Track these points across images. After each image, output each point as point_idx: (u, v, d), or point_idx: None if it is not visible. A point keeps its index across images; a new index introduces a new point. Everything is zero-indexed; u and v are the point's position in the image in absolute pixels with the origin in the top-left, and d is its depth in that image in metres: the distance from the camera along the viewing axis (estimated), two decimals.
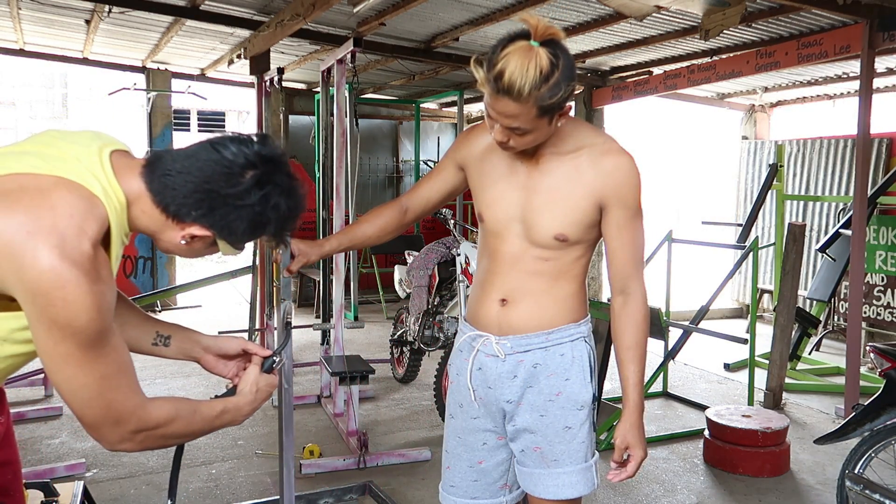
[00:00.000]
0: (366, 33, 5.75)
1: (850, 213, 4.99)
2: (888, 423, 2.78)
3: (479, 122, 1.87)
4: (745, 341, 4.31)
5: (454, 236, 4.80)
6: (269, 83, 5.77)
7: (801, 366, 5.85)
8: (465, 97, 8.34)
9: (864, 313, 6.11)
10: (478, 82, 1.57)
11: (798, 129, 8.48)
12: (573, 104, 1.58)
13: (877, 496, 2.49)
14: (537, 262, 1.76)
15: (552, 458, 1.78)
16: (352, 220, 5.69)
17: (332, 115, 4.49)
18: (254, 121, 6.65)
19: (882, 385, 2.84)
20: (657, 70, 6.84)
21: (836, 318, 6.71)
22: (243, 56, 6.56)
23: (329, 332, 4.54)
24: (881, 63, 5.97)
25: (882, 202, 5.93)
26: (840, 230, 5.71)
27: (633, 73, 7.14)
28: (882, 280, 6.20)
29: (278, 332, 1.84)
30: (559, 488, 1.78)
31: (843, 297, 6.43)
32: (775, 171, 6.46)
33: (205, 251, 1.40)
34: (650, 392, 4.99)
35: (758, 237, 5.63)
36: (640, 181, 1.73)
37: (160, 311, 8.03)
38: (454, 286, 4.76)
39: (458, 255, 4.53)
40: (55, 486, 2.53)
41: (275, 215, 1.33)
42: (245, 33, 6.29)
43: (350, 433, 3.95)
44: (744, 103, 8.47)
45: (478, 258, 1.90)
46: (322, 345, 4.85)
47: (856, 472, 2.78)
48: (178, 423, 1.34)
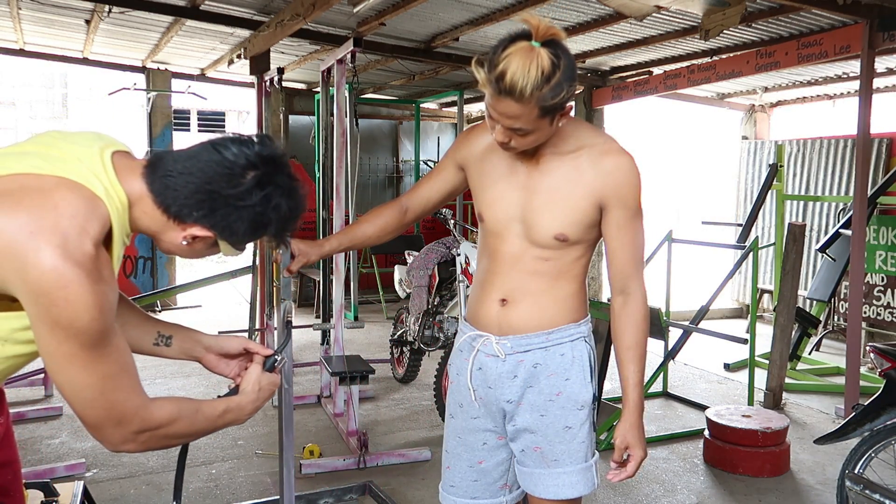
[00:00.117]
0: (366, 33, 5.75)
1: (850, 213, 4.99)
2: (888, 423, 2.78)
3: (480, 122, 1.87)
4: (745, 341, 4.31)
5: (454, 236, 4.80)
6: (269, 83, 5.77)
7: (801, 366, 5.85)
8: (465, 97, 8.34)
9: (864, 313, 6.11)
10: (479, 83, 1.57)
11: (798, 129, 8.48)
12: (574, 104, 1.58)
13: (877, 496, 2.49)
14: (537, 262, 1.76)
15: (552, 457, 1.78)
16: (352, 220, 5.69)
17: (332, 115, 4.49)
18: (254, 121, 6.65)
19: (882, 385, 2.85)
20: (657, 70, 6.84)
21: (836, 318, 6.71)
22: (243, 56, 6.56)
23: (329, 332, 4.54)
24: (881, 63, 5.98)
25: (882, 202, 5.93)
26: (840, 230, 5.71)
27: (633, 73, 7.14)
28: (882, 280, 6.20)
29: (279, 332, 1.84)
30: (559, 488, 1.78)
31: (843, 297, 6.43)
32: (775, 171, 6.46)
33: (206, 252, 1.40)
34: (650, 392, 4.99)
35: (758, 237, 5.64)
36: (640, 181, 1.73)
37: (160, 311, 8.03)
38: (454, 286, 4.76)
39: (458, 255, 4.53)
40: (55, 486, 2.53)
41: (276, 216, 1.34)
42: (245, 33, 6.29)
43: (350, 433, 3.95)
44: (744, 103, 8.48)
45: (478, 258, 1.90)
46: (322, 345, 4.85)
47: (856, 472, 2.78)
48: (181, 423, 1.33)
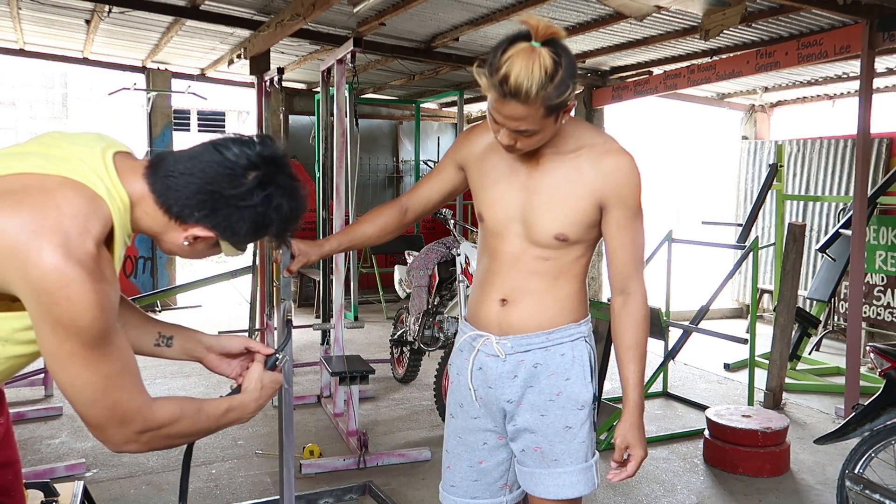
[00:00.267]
0: (366, 33, 5.75)
1: (850, 213, 4.99)
2: (888, 423, 2.78)
3: (480, 122, 1.87)
4: (745, 341, 4.31)
5: (454, 236, 4.80)
6: (269, 83, 5.77)
7: (801, 366, 5.85)
8: (465, 97, 8.34)
9: (864, 313, 6.11)
10: (482, 88, 1.56)
11: (798, 129, 8.49)
12: (576, 101, 1.59)
13: (877, 496, 2.49)
14: (537, 262, 1.76)
15: (552, 457, 1.78)
16: (352, 220, 5.69)
17: (332, 115, 4.49)
18: (254, 121, 6.66)
19: (882, 385, 2.85)
20: (657, 70, 6.84)
21: (836, 318, 6.71)
22: (243, 56, 6.56)
23: (329, 332, 4.54)
24: (881, 63, 5.98)
25: (882, 202, 5.93)
26: (840, 230, 5.71)
27: (633, 73, 7.14)
28: (882, 280, 6.20)
29: (279, 331, 1.84)
30: (559, 488, 1.78)
31: (843, 297, 6.43)
32: (775, 171, 6.46)
33: (207, 252, 1.40)
34: (650, 392, 4.99)
35: (758, 237, 5.63)
36: (641, 181, 1.73)
37: (160, 311, 8.03)
38: (454, 286, 4.76)
39: (458, 255, 4.53)
40: (55, 486, 2.53)
41: (277, 216, 1.34)
42: (245, 33, 6.29)
43: (350, 433, 3.95)
44: (744, 103, 8.48)
45: (478, 258, 1.90)
46: (322, 345, 4.85)
47: (856, 472, 2.78)
48: (184, 423, 1.33)
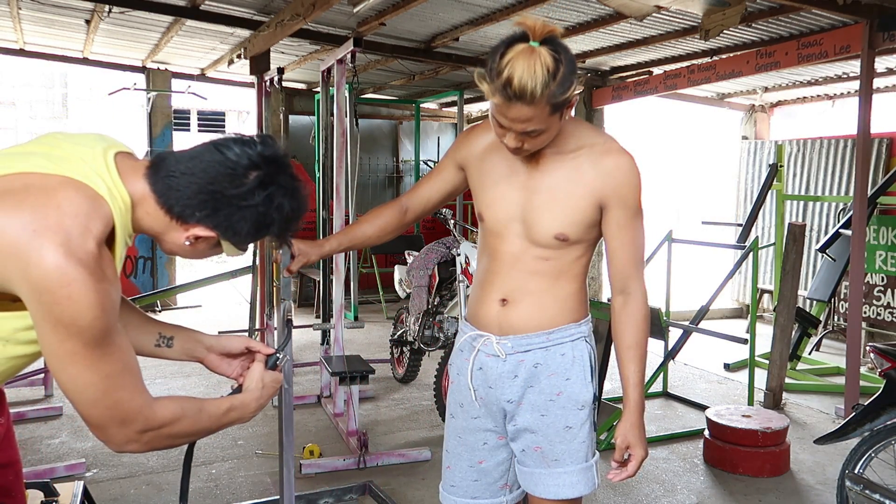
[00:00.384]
0: (366, 33, 5.75)
1: (850, 213, 4.99)
2: (888, 423, 2.78)
3: (480, 122, 1.87)
4: (745, 341, 4.31)
5: (454, 236, 4.80)
6: (269, 83, 5.77)
7: (801, 366, 5.85)
8: (465, 97, 8.34)
9: (864, 313, 6.11)
10: (485, 94, 1.56)
11: (798, 129, 8.49)
12: (578, 96, 1.59)
13: (877, 496, 2.49)
14: (537, 262, 1.76)
15: (553, 457, 1.78)
16: (352, 220, 5.69)
17: (332, 115, 4.49)
18: (254, 121, 6.66)
19: (882, 385, 2.85)
20: (657, 70, 6.84)
21: (836, 318, 6.71)
22: (243, 56, 6.56)
23: (329, 332, 4.54)
24: (881, 63, 5.98)
25: (882, 202, 5.93)
26: (840, 230, 5.71)
27: (633, 73, 7.14)
28: (882, 280, 6.20)
29: (279, 331, 1.84)
30: (560, 488, 1.78)
31: (843, 297, 6.43)
32: (775, 171, 6.47)
33: (209, 252, 1.40)
34: (650, 392, 4.99)
35: (758, 237, 5.63)
36: (641, 181, 1.73)
37: (160, 311, 8.03)
38: (454, 286, 4.76)
39: (458, 255, 4.53)
40: (55, 486, 2.53)
41: (278, 216, 1.34)
42: (245, 33, 6.29)
43: (350, 433, 3.95)
44: (744, 103, 8.48)
45: (478, 258, 1.90)
46: (322, 345, 4.85)
47: (856, 472, 2.78)
48: (185, 422, 1.33)
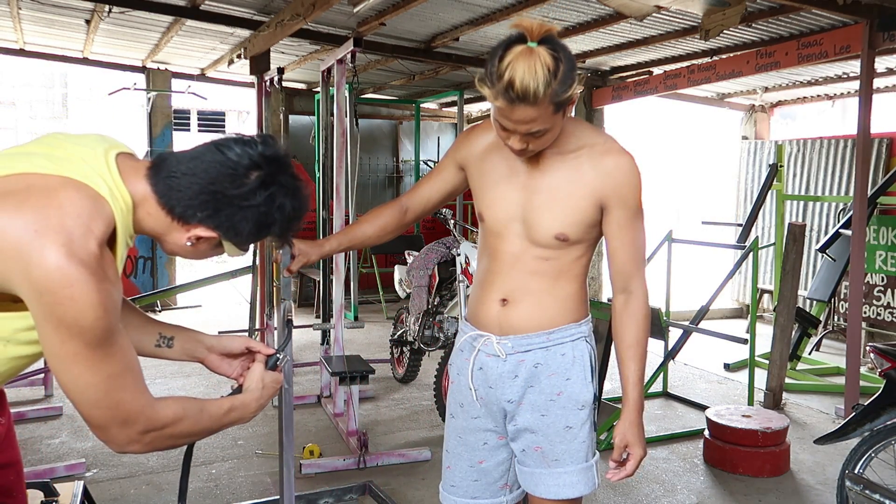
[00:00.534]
0: (366, 33, 5.75)
1: (850, 213, 4.99)
2: (888, 423, 2.78)
3: (480, 122, 1.88)
4: (745, 341, 4.31)
5: (454, 236, 4.80)
6: (269, 83, 5.77)
7: (801, 366, 5.85)
8: (465, 97, 8.34)
9: (864, 313, 6.11)
10: (487, 98, 1.56)
11: (798, 129, 8.49)
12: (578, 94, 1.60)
13: (877, 496, 2.49)
14: (538, 262, 1.76)
15: (553, 457, 1.79)
16: (352, 220, 5.70)
17: (332, 115, 4.49)
18: (254, 121, 6.66)
19: (882, 385, 2.85)
20: (657, 70, 6.84)
21: (836, 318, 6.72)
22: (243, 56, 6.56)
23: (329, 332, 4.54)
24: (881, 63, 5.98)
25: (882, 202, 5.93)
26: (840, 230, 5.71)
27: (633, 73, 7.14)
28: (882, 280, 6.20)
29: (279, 331, 1.84)
30: (560, 488, 1.78)
31: (843, 297, 6.44)
32: (775, 171, 6.47)
33: (210, 252, 1.40)
34: (650, 392, 4.99)
35: (758, 237, 5.63)
36: (641, 181, 1.74)
37: (160, 311, 8.03)
38: (454, 286, 4.76)
39: (458, 255, 4.53)
40: (55, 486, 2.53)
41: (280, 216, 1.34)
42: (245, 33, 6.29)
43: (350, 433, 3.95)
44: (744, 103, 8.48)
45: (478, 258, 1.90)
46: (322, 345, 4.85)
47: (856, 472, 2.78)
48: (186, 423, 1.33)
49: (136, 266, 8.26)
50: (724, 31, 4.79)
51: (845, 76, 6.61)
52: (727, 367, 5.96)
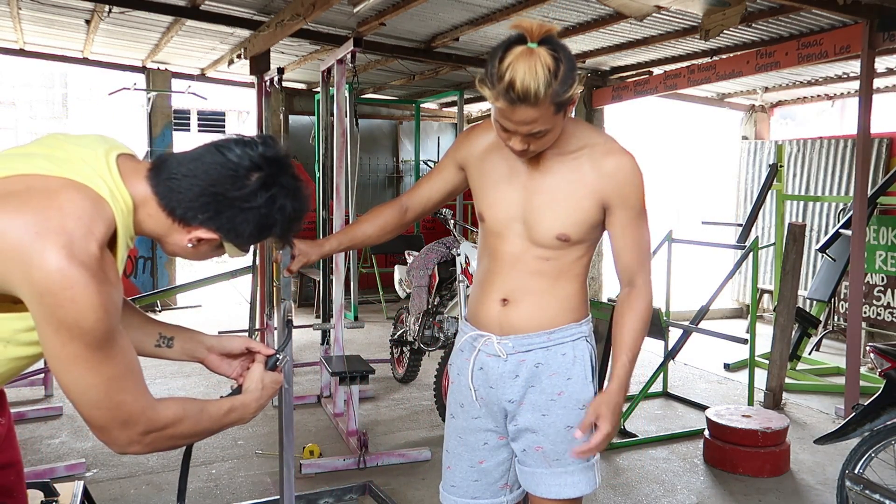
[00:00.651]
0: (366, 33, 5.75)
1: (850, 213, 4.99)
2: (888, 423, 2.78)
3: (480, 122, 1.88)
4: (745, 341, 4.31)
5: (454, 236, 4.80)
6: (269, 83, 5.77)
7: (801, 366, 5.85)
8: (465, 97, 8.34)
9: (864, 313, 6.11)
10: (488, 99, 1.56)
11: (798, 129, 8.49)
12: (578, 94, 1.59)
13: (877, 496, 2.49)
14: (538, 262, 1.76)
15: (554, 457, 1.79)
16: (352, 220, 5.69)
17: (332, 115, 4.49)
18: (254, 121, 6.66)
19: (882, 385, 2.85)
20: (657, 70, 6.84)
21: (836, 318, 6.72)
22: (243, 56, 6.56)
23: (329, 332, 4.54)
24: (881, 63, 5.98)
25: (882, 202, 5.93)
26: (840, 230, 5.72)
27: (633, 73, 7.14)
28: (882, 280, 6.20)
29: (279, 331, 1.84)
30: (561, 487, 1.78)
31: (843, 297, 6.43)
32: (775, 171, 6.47)
33: (211, 253, 1.40)
34: (650, 392, 4.98)
35: (758, 237, 5.64)
36: (643, 181, 1.73)
37: (160, 311, 8.03)
38: (454, 286, 4.77)
39: (458, 255, 4.53)
40: (55, 485, 2.53)
41: (281, 217, 1.34)
42: (245, 33, 6.29)
43: (350, 433, 3.95)
44: (744, 103, 8.48)
45: (478, 258, 1.90)
46: (322, 345, 4.85)
47: (856, 472, 2.78)
48: (186, 423, 1.34)
49: (136, 266, 8.26)
50: (724, 31, 4.79)
51: (845, 76, 6.61)
52: (727, 367, 5.96)
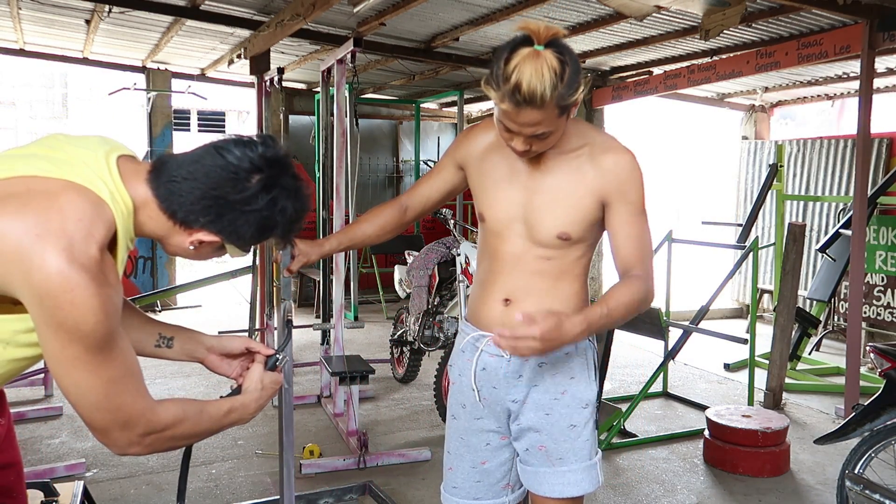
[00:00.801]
0: (366, 33, 5.75)
1: (850, 213, 4.99)
2: (888, 423, 2.78)
3: (480, 122, 1.88)
4: (745, 341, 4.31)
5: (454, 236, 4.80)
6: (269, 83, 5.77)
7: (801, 366, 5.85)
8: (465, 97, 8.34)
9: (864, 313, 6.11)
10: (493, 100, 1.56)
11: (798, 129, 8.48)
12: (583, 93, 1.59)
13: (877, 496, 2.49)
14: (539, 262, 1.76)
15: (557, 456, 1.79)
16: (352, 220, 5.69)
17: (332, 115, 4.49)
18: (254, 121, 6.66)
19: (882, 385, 2.85)
20: (657, 70, 6.84)
21: (836, 318, 6.71)
22: (243, 56, 6.56)
23: (329, 332, 4.54)
24: (881, 63, 5.98)
25: (882, 202, 5.93)
26: (840, 230, 5.71)
27: (633, 73, 7.14)
28: (882, 280, 6.20)
29: (279, 331, 1.84)
30: (564, 486, 1.79)
31: (843, 297, 6.43)
32: (775, 171, 6.47)
33: (212, 255, 1.41)
34: (650, 392, 4.98)
35: (758, 237, 5.64)
36: (643, 178, 1.72)
37: (160, 311, 8.03)
38: (454, 286, 4.77)
39: (458, 255, 4.53)
40: (55, 486, 2.53)
41: (282, 218, 1.34)
42: (245, 33, 6.29)
43: (350, 433, 3.95)
44: (744, 103, 8.48)
45: (478, 258, 1.90)
46: (322, 345, 4.85)
47: (856, 472, 2.78)
48: (186, 424, 1.34)
49: (136, 266, 8.26)
50: (724, 31, 4.79)
51: (845, 76, 6.61)
52: (727, 367, 5.96)
